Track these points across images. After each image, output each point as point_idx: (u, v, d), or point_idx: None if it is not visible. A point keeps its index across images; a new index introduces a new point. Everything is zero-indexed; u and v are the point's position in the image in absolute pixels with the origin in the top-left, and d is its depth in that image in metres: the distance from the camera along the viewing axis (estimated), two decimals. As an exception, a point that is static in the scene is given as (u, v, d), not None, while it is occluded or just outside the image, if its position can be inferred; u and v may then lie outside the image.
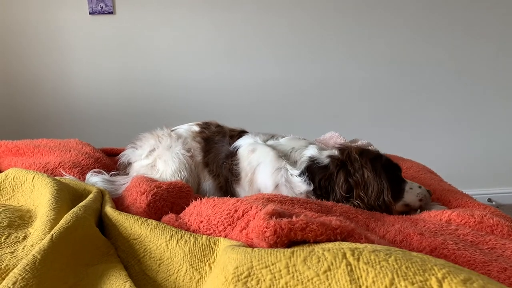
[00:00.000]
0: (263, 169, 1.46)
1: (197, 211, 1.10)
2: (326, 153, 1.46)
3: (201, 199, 1.16)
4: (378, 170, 1.36)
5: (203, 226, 1.03)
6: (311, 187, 1.39)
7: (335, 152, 1.45)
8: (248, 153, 1.51)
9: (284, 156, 1.48)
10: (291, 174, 1.42)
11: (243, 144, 1.55)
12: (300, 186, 1.40)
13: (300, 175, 1.41)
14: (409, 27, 3.24)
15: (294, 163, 1.45)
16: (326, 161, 1.42)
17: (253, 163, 1.48)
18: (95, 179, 1.48)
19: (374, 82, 3.31)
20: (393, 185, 1.38)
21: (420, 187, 1.43)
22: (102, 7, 3.04)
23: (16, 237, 1.00)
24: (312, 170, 1.41)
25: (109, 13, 3.06)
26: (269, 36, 3.20)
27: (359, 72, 3.29)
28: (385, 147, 2.20)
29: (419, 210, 1.37)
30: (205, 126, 1.74)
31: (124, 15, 3.09)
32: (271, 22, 3.18)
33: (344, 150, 1.44)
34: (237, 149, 1.55)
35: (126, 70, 3.17)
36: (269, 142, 1.56)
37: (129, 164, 1.66)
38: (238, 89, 3.25)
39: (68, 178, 1.46)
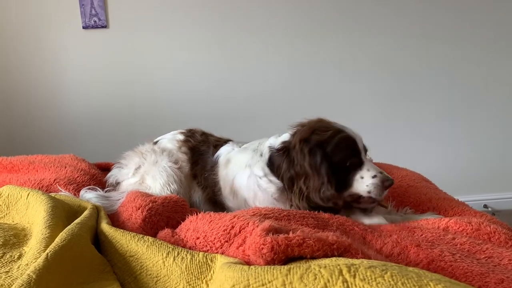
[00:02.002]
0: (239, 179, 1.48)
1: (193, 226, 1.10)
2: (282, 138, 1.45)
3: (197, 214, 1.16)
4: (318, 163, 1.28)
5: (200, 242, 1.03)
6: (278, 181, 1.39)
7: (291, 134, 1.42)
8: (225, 162, 1.54)
9: (254, 151, 1.49)
10: (260, 177, 1.42)
11: (222, 153, 1.58)
12: (269, 187, 1.40)
13: (265, 175, 1.41)
14: (405, 35, 3.26)
15: (260, 156, 1.46)
16: (279, 147, 1.41)
17: (229, 175, 1.51)
18: (89, 195, 1.47)
19: (367, 90, 3.32)
20: (341, 173, 1.31)
21: (375, 176, 1.30)
22: (95, 21, 3.04)
23: (11, 256, 0.99)
24: (272, 160, 1.41)
25: (102, 27, 3.06)
26: (265, 45, 3.21)
27: (353, 80, 3.30)
28: (380, 156, 2.22)
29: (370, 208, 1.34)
30: (189, 134, 1.73)
31: (118, 29, 3.09)
32: (268, 31, 3.19)
33: (294, 134, 1.39)
34: (218, 159, 1.57)
35: (120, 83, 3.17)
36: (244, 146, 1.59)
37: (118, 183, 1.65)
38: (234, 99, 3.25)
39: (63, 194, 1.46)
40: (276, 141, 1.45)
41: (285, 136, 1.44)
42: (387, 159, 2.18)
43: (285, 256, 0.78)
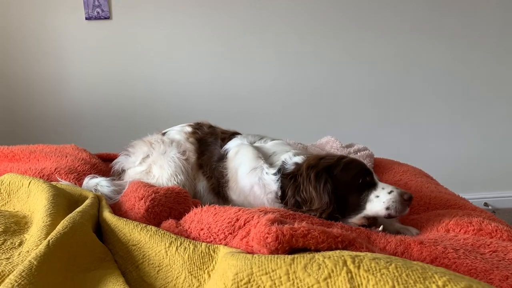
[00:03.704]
0: (242, 169, 1.48)
1: (197, 218, 1.10)
2: (295, 159, 1.43)
3: (200, 207, 1.16)
4: (322, 185, 1.26)
5: (204, 233, 1.03)
6: (280, 190, 1.38)
7: (304, 158, 1.41)
8: (234, 155, 1.54)
9: (265, 157, 1.49)
10: (266, 173, 1.42)
11: (232, 147, 1.58)
12: (271, 185, 1.40)
13: (274, 174, 1.41)
14: (406, 34, 3.26)
15: (270, 165, 1.46)
16: (291, 168, 1.40)
17: (236, 165, 1.51)
18: (97, 180, 1.49)
19: (371, 87, 3.32)
20: (351, 195, 1.27)
21: (391, 192, 1.23)
22: (98, 13, 3.03)
23: (11, 243, 0.99)
24: (282, 174, 1.40)
25: (105, 18, 3.05)
26: (266, 41, 3.21)
27: (357, 77, 3.30)
28: (382, 151, 2.22)
29: (382, 227, 1.21)
30: (197, 127, 1.75)
31: (120, 20, 3.09)
32: (269, 27, 3.18)
33: (304, 162, 1.38)
34: (227, 152, 1.58)
35: (122, 75, 3.17)
36: (256, 144, 1.58)
37: (123, 171, 1.66)
38: (235, 93, 3.25)
39: (64, 183, 1.45)
40: (290, 159, 1.43)
41: (298, 159, 1.42)
42: (389, 156, 2.18)
43: (289, 246, 0.78)
